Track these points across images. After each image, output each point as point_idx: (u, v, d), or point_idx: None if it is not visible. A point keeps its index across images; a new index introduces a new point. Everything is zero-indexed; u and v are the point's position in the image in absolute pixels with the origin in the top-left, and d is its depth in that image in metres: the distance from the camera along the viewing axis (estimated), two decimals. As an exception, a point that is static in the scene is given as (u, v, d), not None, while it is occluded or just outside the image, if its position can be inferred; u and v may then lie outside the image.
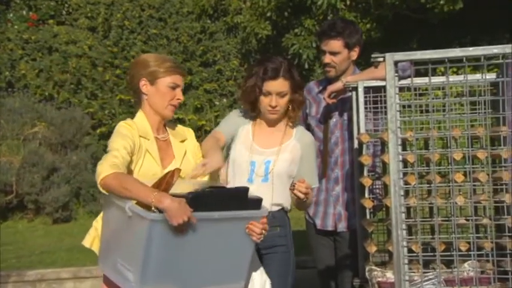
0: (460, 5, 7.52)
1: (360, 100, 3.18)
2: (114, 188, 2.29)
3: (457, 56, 2.26)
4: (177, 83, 2.66)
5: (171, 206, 2.21)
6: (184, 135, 2.78)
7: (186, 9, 9.56)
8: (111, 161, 2.38)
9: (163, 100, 2.64)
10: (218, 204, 2.36)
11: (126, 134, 2.53)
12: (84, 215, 7.66)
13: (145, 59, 2.67)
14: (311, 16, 8.37)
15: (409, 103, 2.32)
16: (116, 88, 9.10)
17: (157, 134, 2.67)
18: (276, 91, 2.87)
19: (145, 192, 2.26)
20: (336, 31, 3.40)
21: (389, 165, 2.33)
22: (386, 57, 2.32)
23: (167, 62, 2.66)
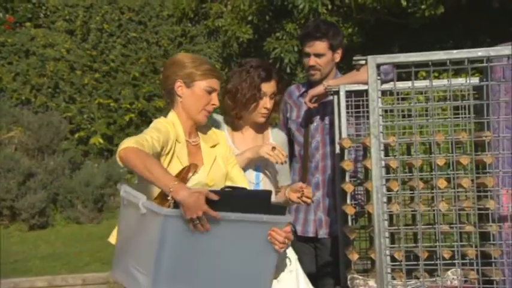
0: (441, 10, 7.55)
1: (342, 104, 3.12)
2: (134, 163, 2.19)
3: (441, 59, 2.20)
4: (213, 87, 2.57)
5: (189, 198, 2.12)
6: (216, 140, 2.69)
7: (167, 12, 9.51)
8: (138, 139, 2.28)
9: (197, 104, 2.55)
10: (237, 205, 2.23)
11: (164, 130, 2.45)
12: (61, 221, 7.53)
13: (182, 60, 2.58)
14: (292, 20, 8.38)
15: (392, 107, 2.25)
16: (94, 92, 9.00)
17: (188, 138, 2.59)
18: (271, 92, 2.86)
19: (166, 179, 2.16)
20: (321, 32, 3.35)
21: (372, 171, 2.26)
22: (369, 60, 2.25)
23: (205, 65, 2.57)
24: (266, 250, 2.32)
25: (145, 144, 2.29)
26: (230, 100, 2.87)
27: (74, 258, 5.75)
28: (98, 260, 5.70)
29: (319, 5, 7.74)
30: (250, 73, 2.84)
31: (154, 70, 9.20)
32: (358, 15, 8.11)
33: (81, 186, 7.45)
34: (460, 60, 2.23)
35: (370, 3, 7.70)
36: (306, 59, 3.42)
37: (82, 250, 6.04)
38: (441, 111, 3.68)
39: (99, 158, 8.56)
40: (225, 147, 2.70)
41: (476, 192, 2.54)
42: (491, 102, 2.23)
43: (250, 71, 2.85)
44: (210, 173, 2.53)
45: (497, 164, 2.65)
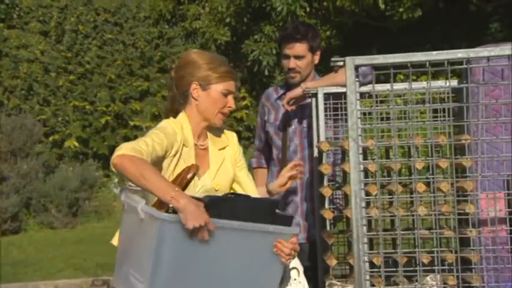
0: (419, 13, 7.58)
1: (320, 107, 3.08)
2: (130, 171, 2.10)
3: (420, 60, 2.16)
4: (230, 90, 2.48)
5: (189, 206, 2.04)
6: (225, 142, 2.59)
7: (143, 14, 9.41)
8: (136, 145, 2.19)
9: (213, 107, 2.47)
10: (240, 214, 2.14)
11: (171, 133, 2.36)
12: (34, 226, 7.39)
13: (197, 61, 2.46)
14: (271, 22, 8.39)
15: (371, 110, 2.20)
16: (69, 94, 8.89)
17: (197, 141, 2.50)
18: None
19: (166, 187, 2.08)
20: (301, 34, 3.30)
21: (350, 175, 2.20)
22: (347, 61, 2.20)
23: (222, 66, 2.47)
24: (271, 261, 2.21)
25: (143, 149, 2.20)
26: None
27: (47, 264, 5.63)
28: (71, 266, 5.59)
29: (298, 8, 7.73)
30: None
31: (131, 72, 9.09)
32: (337, 18, 8.11)
33: (55, 190, 7.32)
34: (439, 62, 2.18)
35: (348, 6, 7.70)
36: (286, 61, 3.36)
37: (55, 256, 5.92)
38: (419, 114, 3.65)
39: (74, 162, 8.42)
40: (234, 149, 2.61)
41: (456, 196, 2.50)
42: (471, 104, 2.19)
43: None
44: (216, 177, 2.46)
45: (476, 167, 2.62)
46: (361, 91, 2.25)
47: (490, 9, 8.72)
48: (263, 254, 2.19)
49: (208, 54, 2.55)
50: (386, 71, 2.22)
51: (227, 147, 2.58)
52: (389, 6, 7.70)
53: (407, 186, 2.87)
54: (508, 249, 2.54)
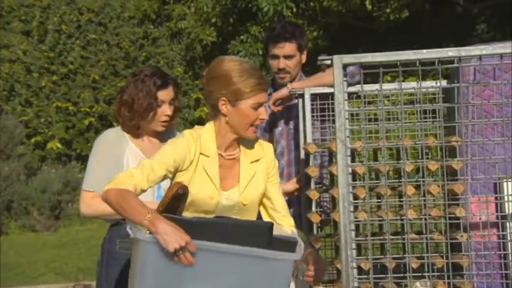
0: (406, 14, 7.56)
1: (307, 108, 3.02)
2: (111, 205, 2.11)
3: (410, 59, 2.09)
4: (261, 102, 2.33)
5: (166, 229, 1.98)
6: (259, 154, 2.44)
7: (128, 13, 9.28)
8: (123, 178, 2.16)
9: (244, 122, 2.32)
10: (231, 237, 2.01)
11: (181, 148, 2.28)
12: (15, 229, 7.26)
13: (227, 74, 2.29)
14: (257, 23, 8.30)
15: (359, 111, 2.12)
16: (52, 95, 8.75)
17: (223, 151, 2.37)
18: (169, 99, 2.78)
19: (140, 213, 2.02)
20: (289, 33, 3.22)
21: (338, 177, 2.13)
22: (334, 60, 2.12)
23: (252, 78, 2.29)
24: None
25: (138, 176, 2.16)
26: (127, 111, 2.77)
27: (28, 268, 5.50)
28: (53, 270, 5.47)
29: (284, 8, 7.66)
30: (146, 82, 2.75)
31: (115, 73, 8.97)
32: (323, 18, 8.05)
33: (37, 192, 7.18)
34: (429, 61, 2.11)
35: (335, 7, 7.65)
36: (274, 61, 3.27)
37: (36, 260, 5.79)
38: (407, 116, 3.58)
39: (57, 164, 8.27)
40: (268, 161, 2.46)
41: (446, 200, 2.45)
42: (462, 105, 2.12)
43: (145, 80, 2.75)
44: (245, 191, 2.34)
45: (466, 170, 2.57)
46: (349, 91, 2.18)
47: (476, 10, 8.73)
48: (255, 282, 2.03)
49: (238, 63, 2.34)
50: (375, 70, 2.15)
51: (261, 160, 2.43)
52: (376, 7, 7.66)
53: (396, 189, 2.82)
54: (499, 254, 2.50)
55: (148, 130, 2.80)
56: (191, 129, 2.39)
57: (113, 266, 2.72)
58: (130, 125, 2.77)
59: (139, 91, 2.74)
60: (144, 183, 2.18)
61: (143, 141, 2.83)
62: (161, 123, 2.77)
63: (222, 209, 2.28)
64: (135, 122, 2.75)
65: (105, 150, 2.77)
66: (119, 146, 2.76)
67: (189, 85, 9.11)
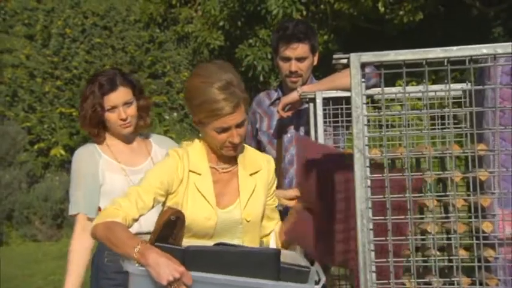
0: (420, 16, 7.34)
1: (318, 113, 2.84)
2: (101, 239, 1.98)
3: (438, 57, 1.83)
4: (225, 127, 2.08)
5: (158, 260, 1.81)
6: (258, 165, 2.24)
7: (133, 17, 9.10)
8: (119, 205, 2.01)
9: (214, 143, 2.15)
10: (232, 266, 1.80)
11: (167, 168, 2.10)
12: (16, 239, 7.07)
13: (189, 92, 2.12)
14: (266, 26, 8.11)
15: (380, 116, 1.87)
16: (56, 101, 8.58)
17: (216, 164, 2.18)
18: (121, 102, 2.65)
19: (128, 246, 1.88)
20: (303, 33, 3.01)
21: (355, 191, 1.87)
22: (351, 59, 1.87)
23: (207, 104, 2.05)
24: None
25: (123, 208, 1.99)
26: (80, 120, 2.75)
27: (24, 282, 5.29)
28: (51, 283, 5.25)
29: (294, 11, 7.47)
30: (92, 87, 2.65)
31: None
32: (334, 21, 7.87)
33: (39, 201, 6.98)
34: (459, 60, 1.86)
35: (346, 9, 7.46)
36: (285, 64, 3.06)
37: (35, 272, 5.59)
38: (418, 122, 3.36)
39: (61, 171, 8.08)
40: (268, 175, 2.27)
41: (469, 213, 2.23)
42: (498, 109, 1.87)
43: (91, 85, 2.67)
44: (247, 206, 2.14)
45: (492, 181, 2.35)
46: (369, 94, 1.94)
47: (492, 13, 8.48)
48: None
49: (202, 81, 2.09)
50: (396, 70, 1.90)
51: (260, 172, 2.24)
52: (389, 10, 7.45)
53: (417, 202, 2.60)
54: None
55: (118, 136, 2.72)
56: (177, 147, 2.19)
57: (102, 279, 2.63)
58: (90, 133, 2.71)
59: (86, 99, 2.65)
60: (134, 211, 2.00)
61: (115, 147, 2.71)
62: (122, 127, 2.66)
63: (224, 229, 2.06)
64: (86, 129, 2.70)
65: (80, 171, 2.66)
66: (92, 162, 2.65)
67: (196, 90, 8.88)
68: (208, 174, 2.14)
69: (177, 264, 1.80)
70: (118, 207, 2.00)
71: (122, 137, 2.73)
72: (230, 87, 2.06)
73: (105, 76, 2.68)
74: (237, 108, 2.08)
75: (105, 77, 2.67)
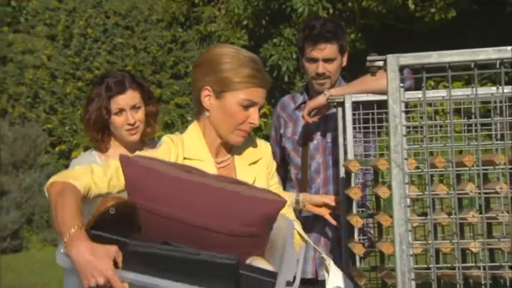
0: (453, 14, 7.09)
1: (347, 118, 2.67)
2: (50, 202, 1.69)
3: (490, 58, 1.60)
4: (253, 100, 1.91)
5: (81, 256, 1.51)
6: (257, 154, 2.05)
7: (156, 16, 8.99)
8: (91, 170, 1.76)
9: (229, 122, 1.92)
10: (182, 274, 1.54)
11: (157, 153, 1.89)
12: (37, 243, 6.99)
13: (216, 59, 1.89)
14: (291, 25, 7.99)
15: (420, 124, 1.64)
16: (77, 102, 8.56)
17: (215, 158, 1.98)
18: (129, 105, 2.52)
19: (65, 225, 1.57)
20: (331, 32, 2.82)
21: (394, 212, 1.65)
22: (388, 61, 1.65)
23: (246, 68, 1.89)
24: None
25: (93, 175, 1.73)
26: (83, 124, 2.60)
27: (41, 291, 5.18)
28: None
29: (320, 9, 7.30)
30: (98, 89, 2.51)
31: (142, 78, 8.66)
32: (362, 19, 7.70)
33: (59, 204, 6.87)
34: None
35: (374, 7, 7.27)
36: (312, 65, 2.87)
37: (51, 279, 5.49)
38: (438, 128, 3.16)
39: (82, 173, 8.00)
40: (267, 162, 2.08)
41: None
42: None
43: (98, 87, 2.52)
44: None
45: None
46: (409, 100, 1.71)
47: (528, 10, 8.19)
48: None
49: (232, 50, 1.93)
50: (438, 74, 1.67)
51: (260, 161, 2.04)
52: (420, 7, 7.23)
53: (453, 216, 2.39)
54: None
55: (122, 142, 2.58)
56: (171, 136, 1.97)
57: None
58: (92, 139, 2.57)
59: (91, 100, 2.51)
60: (103, 185, 1.74)
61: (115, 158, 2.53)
62: (129, 133, 2.52)
63: None
64: (89, 134, 2.56)
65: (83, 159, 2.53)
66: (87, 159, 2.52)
67: (219, 90, 8.76)
68: (211, 160, 1.94)
69: (106, 264, 1.52)
70: (88, 172, 1.75)
71: (127, 145, 2.57)
72: (261, 64, 1.96)
73: (114, 78, 2.54)
74: (265, 87, 1.95)
75: (113, 78, 2.53)
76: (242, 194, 1.69)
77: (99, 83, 2.55)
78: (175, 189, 1.68)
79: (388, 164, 2.37)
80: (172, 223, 1.66)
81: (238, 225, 1.65)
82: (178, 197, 1.67)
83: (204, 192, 1.67)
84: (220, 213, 1.65)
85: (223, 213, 1.65)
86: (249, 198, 1.68)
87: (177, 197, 1.67)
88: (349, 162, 2.55)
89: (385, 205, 2.74)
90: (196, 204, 1.66)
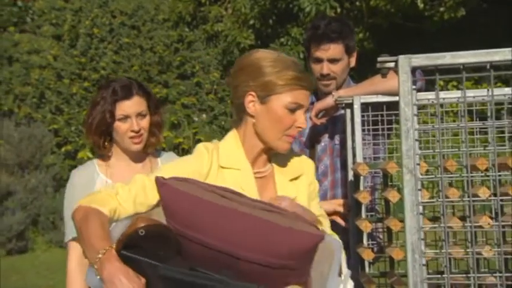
0: (462, 13, 7.01)
1: (356, 120, 2.63)
2: (76, 227, 1.68)
3: (506, 59, 1.53)
4: (299, 103, 1.85)
5: (112, 278, 1.52)
6: (299, 170, 1.96)
7: (162, 16, 8.93)
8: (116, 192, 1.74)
9: (276, 127, 1.84)
10: None
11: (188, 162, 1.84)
12: (42, 244, 6.95)
13: (258, 63, 1.84)
14: (298, 24, 7.94)
15: (433, 129, 1.57)
16: (83, 102, 8.49)
17: (252, 167, 1.91)
18: (135, 112, 2.43)
19: (94, 249, 1.58)
20: (336, 32, 2.76)
21: (405, 220, 1.58)
22: (400, 62, 1.58)
23: (289, 70, 1.83)
24: None
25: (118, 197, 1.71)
26: (85, 127, 2.48)
27: (46, 293, 5.13)
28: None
29: (328, 8, 7.25)
30: (104, 93, 2.40)
31: (149, 78, 8.64)
32: (370, 19, 7.63)
33: (65, 205, 6.82)
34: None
35: (383, 6, 7.20)
36: (317, 65, 2.81)
37: (57, 282, 5.45)
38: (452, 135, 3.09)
39: (88, 174, 7.95)
40: (309, 179, 1.99)
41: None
42: None
43: (104, 91, 2.42)
44: None
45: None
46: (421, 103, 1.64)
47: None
48: None
49: (273, 53, 1.88)
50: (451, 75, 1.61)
51: (302, 177, 1.95)
52: (429, 6, 7.15)
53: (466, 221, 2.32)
54: None
55: (125, 152, 2.48)
56: (205, 143, 1.90)
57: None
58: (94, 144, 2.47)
59: (96, 104, 2.40)
60: (129, 205, 1.70)
61: (117, 169, 2.46)
62: (132, 141, 2.42)
63: None
64: (90, 138, 2.44)
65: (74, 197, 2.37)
66: (88, 186, 2.39)
67: (226, 91, 8.71)
68: (249, 169, 1.86)
69: (138, 284, 1.51)
70: (113, 194, 1.73)
71: (130, 154, 2.49)
72: (302, 67, 1.89)
73: (121, 83, 2.46)
74: (309, 89, 1.89)
75: (120, 83, 2.45)
76: (278, 225, 1.60)
77: (105, 86, 2.47)
78: (208, 215, 1.62)
79: (397, 167, 2.31)
80: (203, 249, 1.61)
81: (271, 257, 1.58)
82: (210, 224, 1.61)
83: (238, 220, 1.60)
84: (253, 244, 1.58)
85: (257, 243, 1.58)
86: (285, 229, 1.59)
87: (208, 222, 1.61)
88: (358, 165, 2.49)
89: (394, 209, 2.68)
90: (229, 233, 1.60)
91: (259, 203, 1.70)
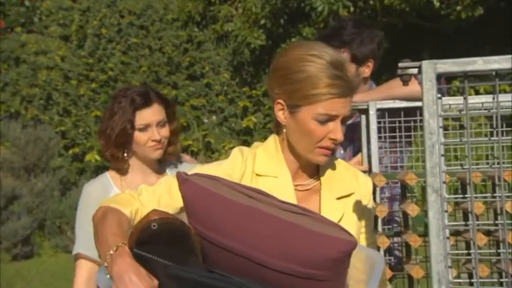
0: (480, 12, 6.79)
1: (372, 127, 2.51)
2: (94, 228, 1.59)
3: (546, 65, 1.34)
4: (333, 114, 1.64)
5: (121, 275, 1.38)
6: (350, 187, 1.79)
7: (171, 16, 8.80)
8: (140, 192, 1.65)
9: (306, 140, 1.67)
10: None
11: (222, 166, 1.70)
12: (48, 250, 6.85)
13: (286, 66, 1.65)
14: (310, 24, 7.77)
15: (462, 142, 1.39)
16: (91, 104, 8.39)
17: (293, 180, 1.74)
18: (155, 121, 2.36)
19: (106, 245, 1.47)
20: (340, 39, 2.60)
21: (430, 246, 1.40)
22: (424, 68, 1.40)
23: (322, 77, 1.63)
24: None
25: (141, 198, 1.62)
26: (102, 139, 2.40)
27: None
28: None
29: (340, 7, 7.04)
30: (121, 102, 2.31)
31: (157, 79, 8.51)
32: (384, 18, 7.43)
33: (72, 210, 6.68)
34: None
35: (397, 5, 7.01)
36: None
37: (62, 289, 5.31)
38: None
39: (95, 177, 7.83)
40: (365, 199, 1.80)
41: None
42: None
43: (120, 99, 2.34)
44: None
45: None
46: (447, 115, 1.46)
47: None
48: None
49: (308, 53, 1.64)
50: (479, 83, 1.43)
51: (353, 196, 1.77)
52: (445, 5, 6.95)
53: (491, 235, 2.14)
54: None
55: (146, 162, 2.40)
56: (243, 148, 1.74)
57: None
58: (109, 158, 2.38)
59: (114, 114, 2.31)
60: (152, 205, 1.58)
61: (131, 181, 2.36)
62: (153, 148, 2.34)
63: None
64: (109, 152, 2.36)
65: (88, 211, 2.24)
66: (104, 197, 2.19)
67: (236, 92, 8.56)
68: (288, 178, 1.70)
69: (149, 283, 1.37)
70: (137, 195, 1.64)
71: (149, 163, 2.39)
72: (343, 68, 1.65)
73: (137, 90, 2.36)
74: (349, 95, 1.65)
75: (136, 91, 2.35)
76: (302, 227, 1.39)
77: (120, 95, 2.36)
78: (230, 215, 1.44)
79: (417, 178, 2.14)
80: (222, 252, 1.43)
81: (294, 263, 1.37)
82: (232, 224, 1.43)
83: (261, 222, 1.41)
84: (278, 249, 1.39)
85: (281, 249, 1.38)
86: (310, 233, 1.38)
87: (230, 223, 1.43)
88: (375, 176, 2.30)
89: (413, 223, 2.52)
90: (250, 235, 1.41)
91: (287, 205, 1.51)
